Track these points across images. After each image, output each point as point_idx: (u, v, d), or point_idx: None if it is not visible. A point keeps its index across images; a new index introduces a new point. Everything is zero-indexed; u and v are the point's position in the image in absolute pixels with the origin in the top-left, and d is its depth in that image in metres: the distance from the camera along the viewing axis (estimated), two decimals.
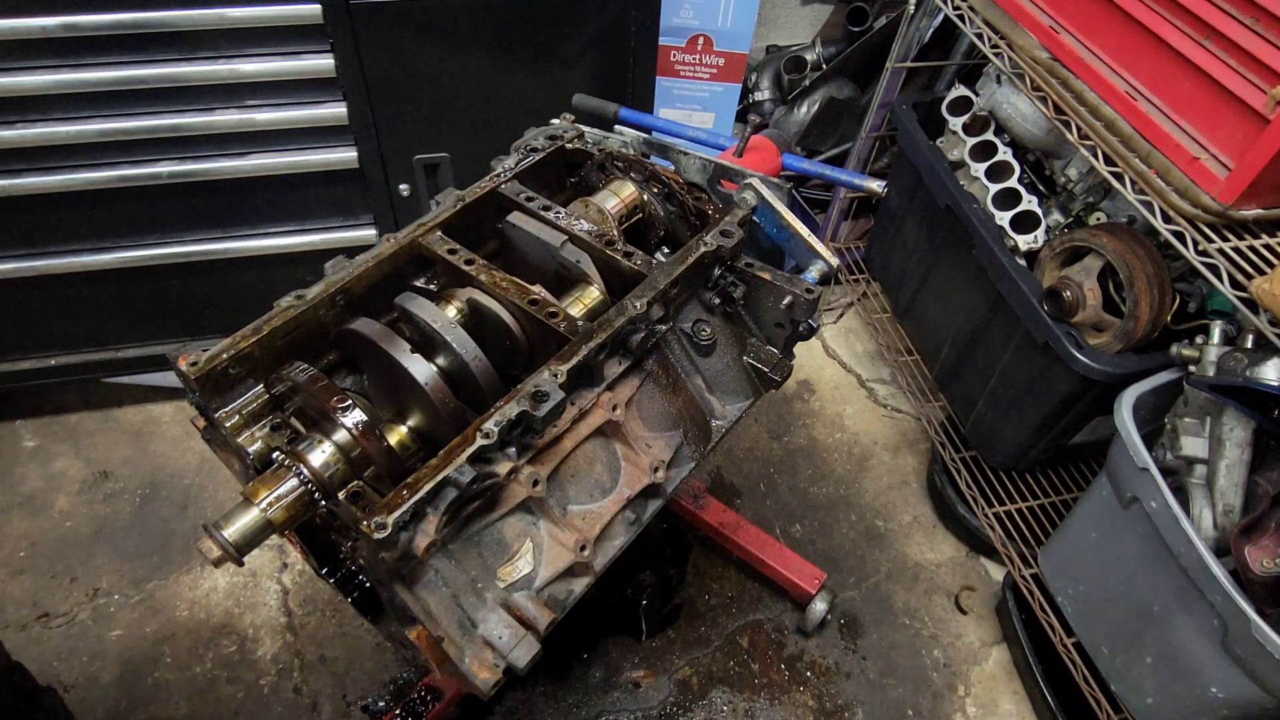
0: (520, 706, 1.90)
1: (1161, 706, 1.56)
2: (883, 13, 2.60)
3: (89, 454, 2.33)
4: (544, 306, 1.02)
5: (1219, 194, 1.32)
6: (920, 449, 2.51)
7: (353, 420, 0.89)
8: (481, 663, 0.92)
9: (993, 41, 1.76)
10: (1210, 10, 1.32)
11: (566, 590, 1.03)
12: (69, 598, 2.04)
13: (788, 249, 1.24)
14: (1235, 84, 1.29)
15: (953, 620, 2.14)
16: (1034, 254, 1.93)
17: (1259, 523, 1.37)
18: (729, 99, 2.66)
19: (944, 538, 2.31)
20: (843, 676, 2.02)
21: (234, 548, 0.83)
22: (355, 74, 1.87)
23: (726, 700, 1.96)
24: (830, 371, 2.73)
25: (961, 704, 1.99)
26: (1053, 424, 1.86)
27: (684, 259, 1.08)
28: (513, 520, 0.98)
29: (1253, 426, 1.43)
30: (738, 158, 1.45)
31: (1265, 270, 1.29)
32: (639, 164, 1.23)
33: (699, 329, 1.16)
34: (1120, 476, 1.57)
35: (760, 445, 2.50)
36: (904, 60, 2.29)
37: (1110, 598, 1.66)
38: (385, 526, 0.79)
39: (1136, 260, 1.63)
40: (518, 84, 2.05)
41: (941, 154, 2.12)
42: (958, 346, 2.15)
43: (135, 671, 1.93)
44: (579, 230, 1.13)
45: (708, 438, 1.19)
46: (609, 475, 1.08)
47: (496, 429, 0.88)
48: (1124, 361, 1.66)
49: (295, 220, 2.13)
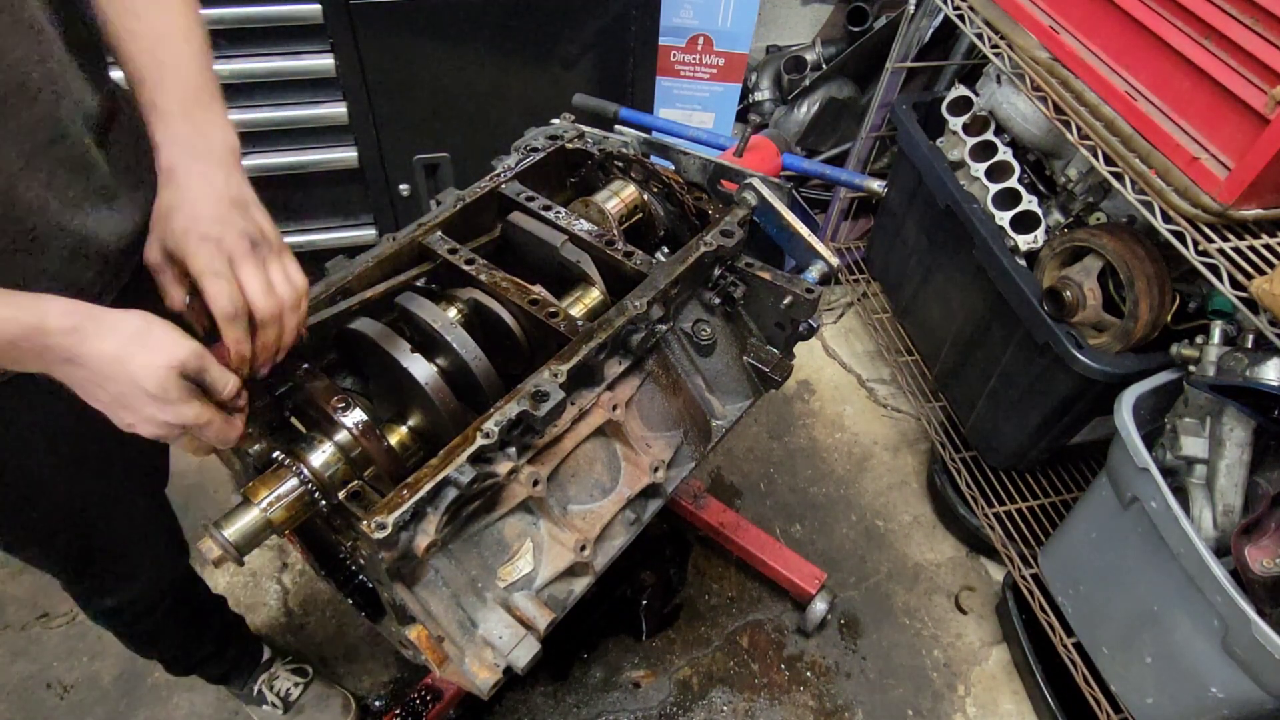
0: (520, 706, 1.90)
1: (1161, 706, 1.56)
2: (883, 13, 2.60)
3: None
4: (544, 306, 1.02)
5: (1219, 194, 1.32)
6: (920, 449, 2.51)
7: (353, 420, 0.88)
8: (481, 662, 0.92)
9: (993, 41, 1.76)
10: (1210, 10, 1.32)
11: (566, 590, 1.03)
12: (69, 598, 2.04)
13: (788, 249, 1.24)
14: (1235, 84, 1.29)
15: (953, 620, 2.14)
16: (1034, 254, 1.93)
17: (1259, 523, 1.37)
18: (729, 99, 2.66)
19: (944, 538, 2.31)
20: (843, 676, 2.02)
21: (234, 547, 0.83)
22: (355, 74, 1.87)
23: (726, 700, 1.96)
24: (830, 371, 2.73)
25: (961, 704, 1.99)
26: (1053, 424, 1.86)
27: (684, 259, 1.08)
28: (513, 520, 0.98)
29: (1253, 426, 1.43)
30: (738, 158, 1.45)
31: (1265, 270, 1.29)
32: (639, 164, 1.23)
33: (699, 329, 1.16)
34: (1120, 476, 1.57)
35: (760, 445, 2.50)
36: (904, 60, 2.29)
37: (1110, 598, 1.66)
38: (385, 526, 0.79)
39: (1136, 260, 1.63)
40: (518, 84, 2.05)
41: (941, 154, 2.12)
42: (958, 346, 2.15)
43: (135, 672, 1.93)
44: (579, 230, 1.13)
45: (708, 437, 1.19)
46: (609, 475, 1.08)
47: (497, 429, 0.88)
48: (1124, 362, 1.66)
49: (295, 220, 2.13)
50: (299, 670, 1.84)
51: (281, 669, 1.84)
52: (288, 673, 1.83)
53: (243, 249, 0.78)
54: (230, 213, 0.79)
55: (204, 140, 0.82)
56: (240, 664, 1.79)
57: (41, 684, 1.90)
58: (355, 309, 0.99)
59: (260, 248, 0.80)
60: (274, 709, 1.80)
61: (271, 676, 1.82)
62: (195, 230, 0.78)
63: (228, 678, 1.78)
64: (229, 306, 0.77)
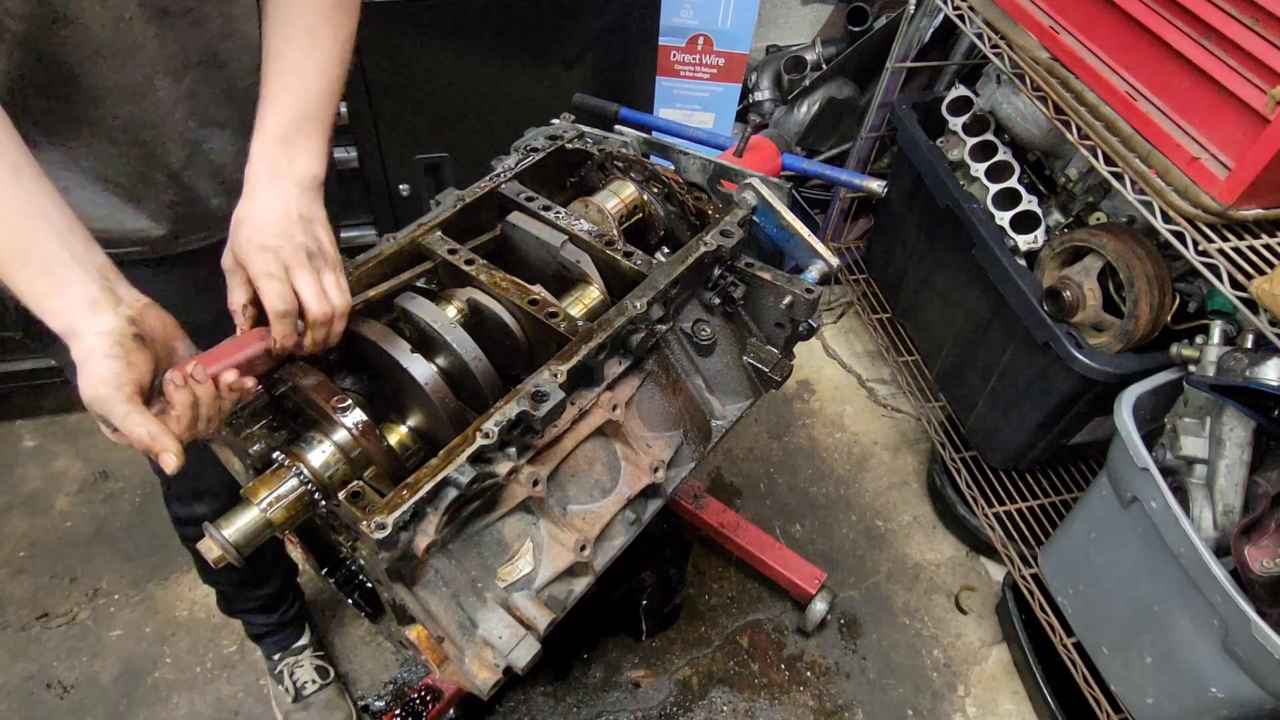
0: (520, 706, 1.90)
1: (1161, 706, 1.56)
2: (883, 13, 2.60)
3: (89, 454, 2.33)
4: (544, 306, 1.02)
5: (1219, 194, 1.32)
6: (920, 449, 2.51)
7: (353, 420, 0.88)
8: (481, 662, 0.92)
9: (993, 41, 1.76)
10: (1210, 10, 1.32)
11: (566, 590, 1.03)
12: (69, 598, 2.04)
13: (788, 249, 1.23)
14: (1235, 84, 1.29)
15: (953, 620, 2.14)
16: (1034, 254, 1.93)
17: (1259, 523, 1.37)
18: (729, 99, 2.66)
19: (944, 538, 2.31)
20: (843, 676, 2.02)
21: (234, 547, 0.83)
22: (355, 74, 1.87)
23: (726, 700, 1.96)
24: (830, 371, 2.73)
25: (961, 704, 1.99)
26: (1053, 424, 1.86)
27: (684, 259, 1.08)
28: (513, 520, 0.98)
29: (1253, 426, 1.43)
30: (738, 158, 1.45)
31: (1265, 270, 1.29)
32: (639, 164, 1.23)
33: (699, 329, 1.16)
34: (1120, 476, 1.57)
35: (760, 445, 2.50)
36: (904, 60, 2.29)
37: (1110, 598, 1.66)
38: (385, 526, 0.79)
39: (1136, 260, 1.63)
40: (518, 84, 2.05)
41: (941, 154, 2.12)
42: (958, 346, 2.15)
43: (135, 671, 1.93)
44: (579, 230, 1.13)
45: (708, 437, 1.19)
46: (609, 475, 1.08)
47: (496, 429, 0.88)
48: (1124, 361, 1.66)
49: None
50: (322, 669, 1.86)
51: (311, 658, 1.86)
52: (313, 666, 1.85)
53: (299, 259, 0.87)
54: (293, 227, 0.88)
55: (289, 163, 0.90)
56: (280, 633, 1.82)
57: (41, 684, 1.90)
58: (359, 308, 0.99)
59: (315, 259, 0.88)
60: (285, 694, 1.82)
61: (297, 663, 1.84)
62: (257, 240, 0.86)
63: (263, 639, 1.83)
64: (280, 304, 0.85)
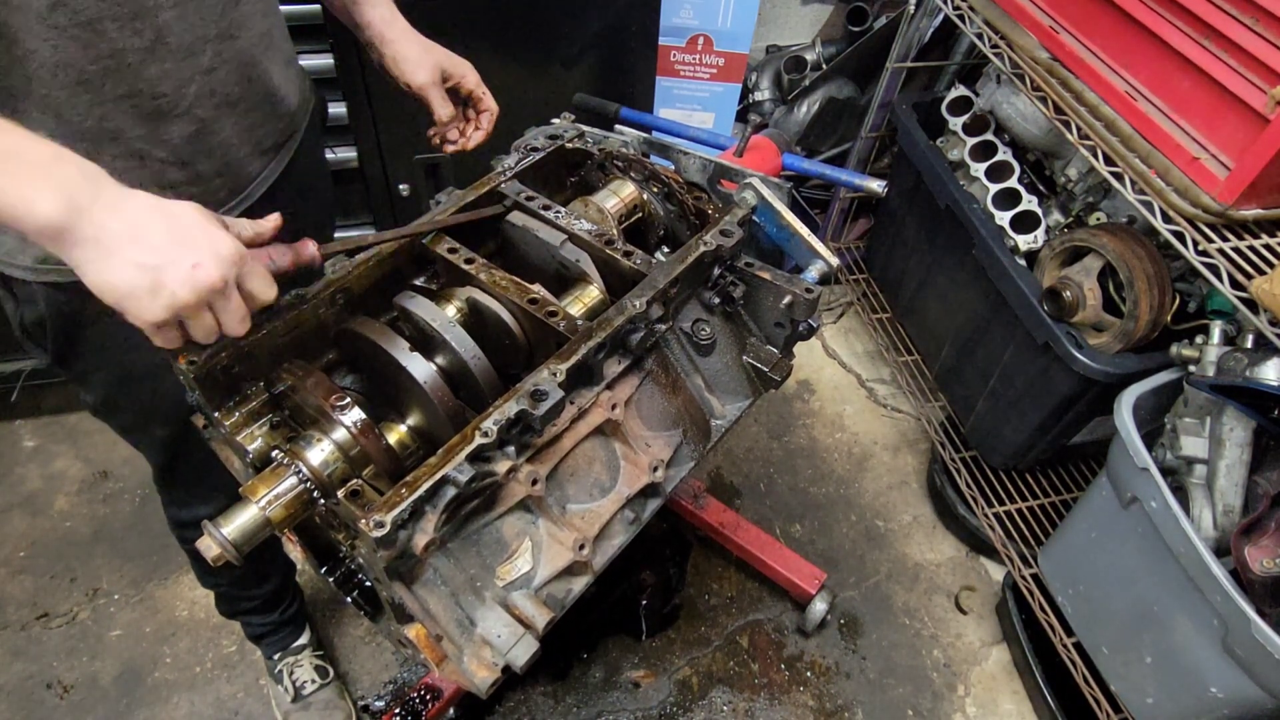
0: (519, 706, 1.90)
1: (1161, 706, 1.56)
2: (883, 13, 2.60)
3: (89, 454, 2.33)
4: (544, 305, 1.02)
5: (1219, 194, 1.32)
6: (920, 449, 2.51)
7: (351, 419, 0.88)
8: (480, 661, 0.92)
9: (993, 41, 1.76)
10: (1210, 10, 1.32)
11: (565, 589, 1.03)
12: (69, 598, 2.04)
13: (788, 249, 1.23)
14: (1235, 84, 1.29)
15: (953, 620, 2.14)
16: (1034, 254, 1.93)
17: (1259, 523, 1.37)
18: (729, 99, 2.66)
19: (944, 538, 2.31)
20: (843, 676, 2.02)
21: (233, 545, 0.83)
22: (355, 74, 1.87)
23: (726, 700, 1.96)
24: (830, 371, 2.73)
25: (961, 704, 1.99)
26: (1053, 424, 1.86)
27: (684, 258, 1.08)
28: (511, 519, 0.98)
29: (1253, 426, 1.43)
30: (738, 157, 1.45)
31: (1265, 270, 1.29)
32: (639, 163, 1.23)
33: (699, 328, 1.16)
34: (1120, 476, 1.57)
35: (760, 445, 2.50)
36: (904, 60, 2.29)
37: (1110, 598, 1.66)
38: (384, 525, 0.79)
39: (1136, 260, 1.63)
40: (518, 84, 2.05)
41: (941, 154, 2.12)
42: (958, 346, 2.15)
43: (135, 671, 1.93)
44: (579, 229, 1.13)
45: (707, 437, 1.19)
46: (608, 474, 1.08)
47: (495, 427, 0.88)
48: (1124, 361, 1.66)
49: None
50: (321, 669, 1.86)
51: (310, 657, 1.86)
52: (313, 665, 1.85)
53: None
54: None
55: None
56: (279, 633, 1.83)
57: (41, 684, 1.90)
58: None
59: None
60: (285, 693, 1.82)
61: (296, 662, 1.84)
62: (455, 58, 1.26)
63: (262, 639, 1.83)
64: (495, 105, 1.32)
